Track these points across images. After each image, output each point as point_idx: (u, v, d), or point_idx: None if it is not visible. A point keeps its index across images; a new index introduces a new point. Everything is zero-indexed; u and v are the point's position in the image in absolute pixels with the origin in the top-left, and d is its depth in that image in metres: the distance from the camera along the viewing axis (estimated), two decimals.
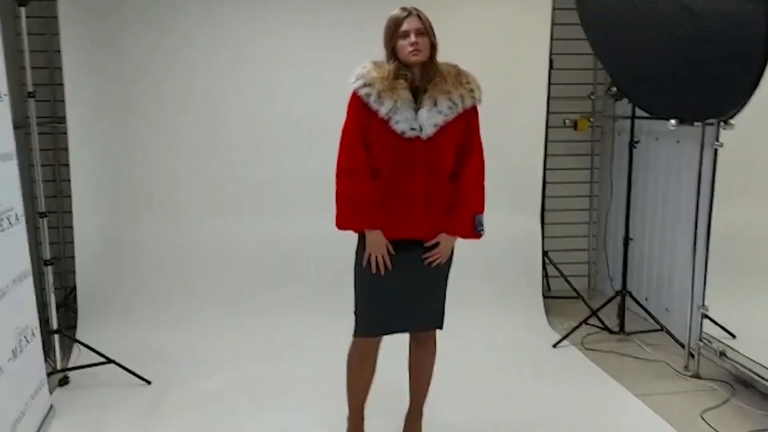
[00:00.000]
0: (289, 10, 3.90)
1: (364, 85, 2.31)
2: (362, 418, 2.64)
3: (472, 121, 2.40)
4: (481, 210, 2.44)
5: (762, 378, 3.05)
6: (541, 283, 4.26)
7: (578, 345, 3.80)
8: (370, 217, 2.35)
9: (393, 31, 2.30)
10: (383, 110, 2.29)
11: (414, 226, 2.38)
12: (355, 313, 2.49)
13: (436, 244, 2.41)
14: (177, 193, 3.96)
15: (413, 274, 2.43)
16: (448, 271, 2.53)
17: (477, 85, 2.38)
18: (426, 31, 2.30)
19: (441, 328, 2.57)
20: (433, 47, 2.32)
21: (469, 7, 3.99)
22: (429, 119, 2.29)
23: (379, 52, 2.39)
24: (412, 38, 2.26)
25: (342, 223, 2.39)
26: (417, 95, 2.32)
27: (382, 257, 2.36)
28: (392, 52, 2.32)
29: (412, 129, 2.29)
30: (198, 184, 3.96)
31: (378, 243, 2.36)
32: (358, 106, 2.33)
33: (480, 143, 2.43)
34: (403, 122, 2.29)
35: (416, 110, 2.31)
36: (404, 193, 2.35)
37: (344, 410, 2.65)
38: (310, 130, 3.89)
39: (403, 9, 2.32)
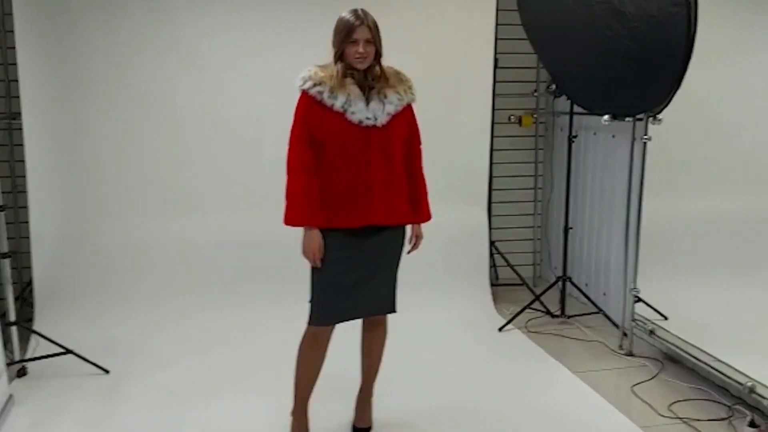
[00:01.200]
0: (242, 8, 4.00)
1: (315, 85, 2.43)
2: (307, 416, 2.71)
3: (412, 116, 2.61)
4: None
5: (687, 354, 3.30)
6: (488, 271, 4.47)
7: (522, 328, 4.01)
8: (307, 215, 2.46)
9: (344, 37, 2.42)
10: (338, 103, 2.41)
11: (374, 213, 2.50)
12: (311, 302, 2.58)
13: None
14: (132, 188, 4.03)
15: (370, 260, 2.56)
16: (401, 256, 2.69)
17: (412, 83, 2.58)
18: (374, 39, 2.44)
19: (395, 311, 2.71)
20: (377, 53, 2.47)
21: (417, 9, 4.16)
22: (381, 109, 2.46)
23: (330, 52, 2.50)
24: (360, 48, 2.41)
25: (287, 220, 2.48)
26: (363, 92, 2.47)
27: (318, 256, 2.47)
28: (340, 55, 2.45)
29: (368, 118, 2.44)
30: (153, 179, 4.04)
31: (312, 241, 2.47)
32: (308, 106, 2.44)
33: (420, 136, 2.66)
34: (358, 112, 2.43)
35: (366, 104, 2.45)
36: (364, 182, 2.47)
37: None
38: (263, 128, 4.01)
39: (356, 16, 2.41)
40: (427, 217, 2.70)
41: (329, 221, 2.48)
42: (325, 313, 2.56)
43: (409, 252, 2.69)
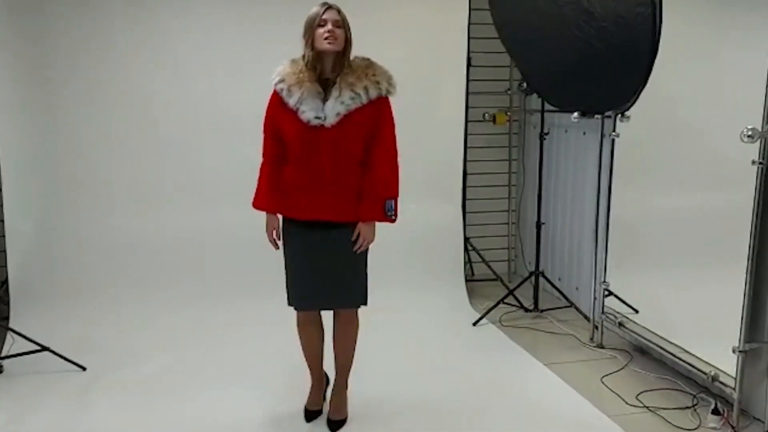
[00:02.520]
0: (220, 5, 4.03)
1: (280, 81, 2.55)
2: (322, 384, 2.92)
3: (382, 111, 2.59)
4: (393, 195, 2.62)
5: (655, 345, 3.39)
6: (462, 267, 4.53)
7: (496, 323, 4.08)
8: (265, 201, 2.69)
9: (312, 22, 2.51)
10: (292, 101, 2.52)
11: (322, 208, 2.58)
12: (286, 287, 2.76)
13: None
14: (107, 185, 4.04)
15: (325, 254, 2.64)
16: (364, 252, 2.70)
17: (386, 77, 2.58)
18: (342, 24, 2.52)
19: (364, 304, 2.76)
20: (347, 41, 2.53)
21: (391, 9, 4.21)
22: (332, 109, 2.51)
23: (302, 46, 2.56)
24: (329, 26, 2.48)
25: (252, 203, 2.73)
26: (328, 86, 2.54)
27: (271, 238, 2.71)
28: (310, 44, 2.51)
29: (317, 117, 2.50)
30: (128, 175, 4.05)
31: (268, 225, 2.73)
32: (274, 100, 2.59)
33: (391, 132, 2.63)
34: (308, 111, 2.51)
35: (324, 101, 2.52)
36: (312, 178, 2.56)
37: (278, 394, 2.90)
38: (240, 123, 4.00)
39: (324, 3, 2.54)
40: (369, 215, 2.60)
41: (284, 210, 2.67)
42: (292, 298, 2.73)
43: (355, 250, 2.64)
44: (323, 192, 2.56)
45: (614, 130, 3.55)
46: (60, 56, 3.89)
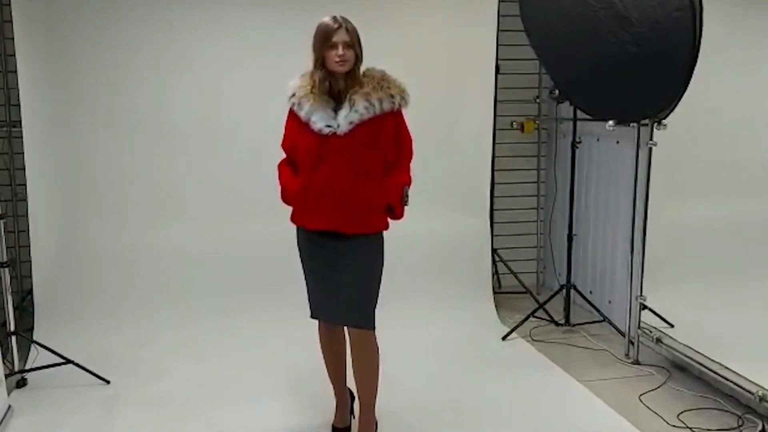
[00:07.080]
0: (237, 16, 3.99)
1: (293, 95, 2.56)
2: (346, 402, 2.85)
3: (399, 124, 2.60)
4: (409, 182, 2.64)
5: (695, 362, 3.26)
6: (490, 279, 4.42)
7: (526, 337, 3.97)
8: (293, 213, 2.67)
9: (322, 42, 2.47)
10: (303, 113, 2.52)
11: (331, 218, 2.54)
12: None
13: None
14: (131, 197, 4.00)
15: (332, 266, 2.60)
16: (373, 270, 2.64)
17: (400, 90, 2.54)
18: (352, 43, 2.47)
19: (367, 327, 2.63)
20: (357, 57, 2.50)
21: (419, 16, 4.13)
22: (345, 118, 2.48)
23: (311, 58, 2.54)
24: (340, 50, 2.44)
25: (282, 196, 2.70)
26: (341, 98, 2.51)
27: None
28: (321, 61, 2.49)
29: (328, 126, 2.48)
30: (152, 187, 4.02)
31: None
32: (290, 114, 2.60)
33: (410, 143, 2.65)
34: (319, 121, 2.49)
35: (336, 110, 2.50)
36: (323, 186, 2.52)
37: (303, 407, 2.84)
38: (259, 136, 3.94)
39: (335, 20, 2.47)
40: (389, 194, 2.62)
41: (296, 219, 2.65)
42: (311, 305, 2.72)
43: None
44: (333, 201, 2.51)
45: (651, 139, 3.43)
46: (84, 70, 3.86)
